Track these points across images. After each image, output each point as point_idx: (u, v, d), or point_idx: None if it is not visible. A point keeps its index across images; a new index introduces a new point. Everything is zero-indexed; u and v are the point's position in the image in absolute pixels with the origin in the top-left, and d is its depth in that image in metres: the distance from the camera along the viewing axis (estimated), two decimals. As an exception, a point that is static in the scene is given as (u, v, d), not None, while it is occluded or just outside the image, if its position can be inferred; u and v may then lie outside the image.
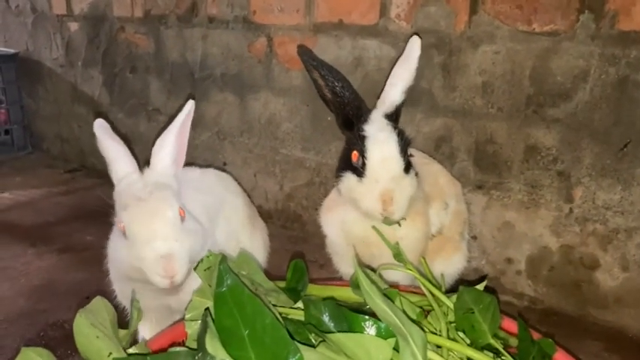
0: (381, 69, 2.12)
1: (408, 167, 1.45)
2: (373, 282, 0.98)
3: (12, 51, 3.72)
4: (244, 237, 1.71)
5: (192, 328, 1.07)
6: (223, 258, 1.06)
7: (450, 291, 1.27)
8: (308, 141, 2.43)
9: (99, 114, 1.75)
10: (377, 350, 0.86)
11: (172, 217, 1.22)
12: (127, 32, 3.02)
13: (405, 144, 1.46)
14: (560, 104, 1.78)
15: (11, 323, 1.81)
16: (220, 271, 0.97)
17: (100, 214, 1.42)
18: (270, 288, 1.16)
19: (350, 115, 1.53)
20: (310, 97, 2.35)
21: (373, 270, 1.25)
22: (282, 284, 1.23)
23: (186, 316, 1.08)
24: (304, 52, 1.57)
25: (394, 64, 1.56)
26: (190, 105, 1.37)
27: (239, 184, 1.87)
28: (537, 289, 1.96)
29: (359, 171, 1.44)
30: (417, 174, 1.51)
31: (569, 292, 1.89)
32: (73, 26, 3.31)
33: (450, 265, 1.73)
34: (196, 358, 0.90)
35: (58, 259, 2.27)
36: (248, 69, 2.53)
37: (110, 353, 0.97)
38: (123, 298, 1.49)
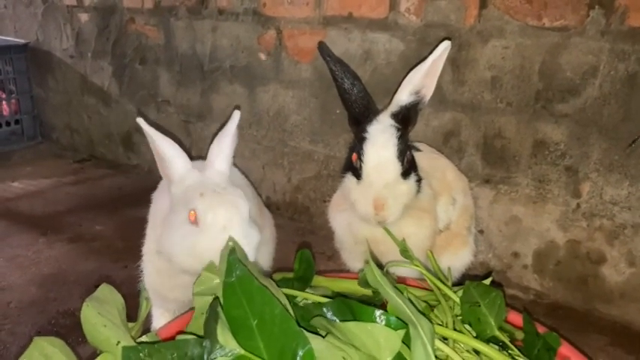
0: (390, 63, 2.12)
1: (407, 172, 1.45)
2: (384, 273, 0.99)
3: (22, 41, 3.74)
4: (252, 213, 1.73)
5: (200, 303, 1.08)
6: (232, 249, 1.07)
7: (457, 285, 1.28)
8: (316, 133, 2.43)
9: (139, 112, 1.75)
10: (386, 341, 0.87)
11: (246, 214, 1.24)
12: (137, 23, 3.03)
13: (404, 148, 1.45)
14: (569, 99, 1.78)
15: (23, 311, 1.84)
16: (229, 261, 0.98)
17: (110, 205, 1.43)
18: None
19: (357, 112, 1.54)
20: (319, 90, 2.36)
21: (381, 267, 1.26)
22: (290, 275, 1.25)
23: (195, 290, 1.09)
24: (322, 46, 1.60)
25: (404, 58, 1.57)
26: (237, 114, 1.44)
27: (246, 176, 1.88)
28: (543, 284, 1.97)
29: (357, 173, 1.45)
30: (419, 180, 1.50)
31: (575, 287, 1.90)
32: (83, 17, 3.32)
33: (457, 259, 1.73)
34: (204, 345, 0.91)
35: (68, 248, 2.30)
36: (257, 61, 2.54)
37: (118, 342, 0.98)
38: (156, 291, 1.50)
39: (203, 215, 1.20)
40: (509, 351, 1.08)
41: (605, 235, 1.81)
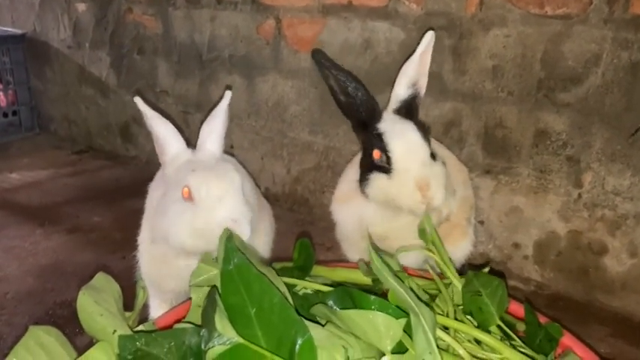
0: (390, 52, 2.10)
1: (433, 154, 1.41)
2: (385, 262, 0.98)
3: (20, 31, 3.71)
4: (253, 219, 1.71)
5: (197, 294, 1.06)
6: (230, 236, 1.06)
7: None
8: (316, 124, 2.42)
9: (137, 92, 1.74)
10: (388, 329, 0.86)
11: (239, 183, 1.25)
12: (135, 13, 3.00)
13: (425, 131, 1.42)
14: (571, 89, 1.76)
15: (20, 301, 1.83)
16: (227, 249, 0.97)
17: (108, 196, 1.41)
18: None
19: (363, 116, 1.49)
20: (319, 80, 2.34)
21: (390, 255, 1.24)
22: (290, 264, 1.24)
23: (191, 282, 1.08)
24: (317, 54, 1.54)
25: (404, 47, 1.54)
26: (229, 94, 1.43)
27: (244, 167, 1.87)
28: (544, 274, 1.96)
29: (385, 168, 1.39)
30: (444, 163, 1.46)
31: (577, 278, 1.89)
32: (81, 7, 3.29)
33: (457, 250, 1.71)
34: (201, 334, 0.90)
35: (66, 239, 2.29)
36: (256, 51, 2.52)
37: (115, 331, 0.97)
38: (152, 281, 1.50)
39: (197, 190, 1.20)
40: (511, 341, 1.07)
41: (606, 226, 1.80)
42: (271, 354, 0.86)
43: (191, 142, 1.41)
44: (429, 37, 1.49)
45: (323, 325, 0.92)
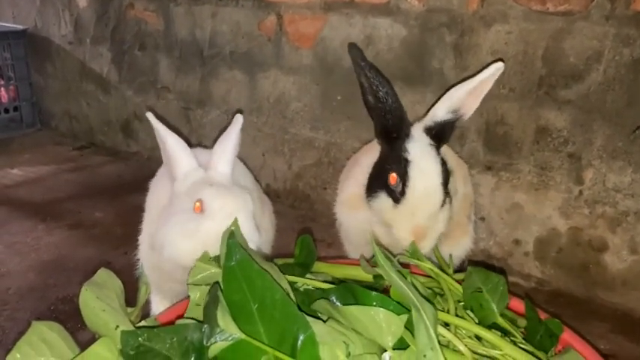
0: (392, 48, 2.10)
1: (445, 198, 1.39)
2: (389, 258, 0.98)
3: (21, 27, 3.71)
4: (256, 216, 1.72)
5: (195, 293, 1.06)
6: (232, 233, 1.06)
7: (457, 271, 1.27)
8: (317, 120, 2.42)
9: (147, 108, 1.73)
10: (388, 325, 0.86)
11: (252, 208, 1.25)
12: (137, 9, 3.00)
13: (447, 173, 1.39)
14: (573, 85, 1.76)
15: (22, 297, 1.83)
16: (229, 245, 0.98)
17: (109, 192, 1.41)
18: None
19: (390, 124, 1.45)
20: (320, 76, 2.34)
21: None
22: (291, 260, 1.24)
23: (189, 280, 1.08)
24: (354, 50, 1.49)
25: (406, 44, 1.52)
26: (241, 118, 1.42)
27: (245, 164, 1.87)
28: (545, 271, 1.96)
29: (396, 196, 1.38)
30: (450, 201, 1.44)
31: (577, 274, 1.89)
32: (82, 3, 3.29)
33: (457, 247, 1.71)
34: (203, 329, 0.91)
35: (68, 234, 2.29)
36: (258, 47, 2.51)
37: (117, 326, 0.97)
38: (155, 283, 1.51)
39: (210, 203, 1.20)
40: (512, 337, 1.08)
41: (607, 223, 1.80)
42: (273, 350, 0.87)
43: (192, 138, 1.41)
44: (495, 68, 1.44)
45: (325, 321, 0.92)
